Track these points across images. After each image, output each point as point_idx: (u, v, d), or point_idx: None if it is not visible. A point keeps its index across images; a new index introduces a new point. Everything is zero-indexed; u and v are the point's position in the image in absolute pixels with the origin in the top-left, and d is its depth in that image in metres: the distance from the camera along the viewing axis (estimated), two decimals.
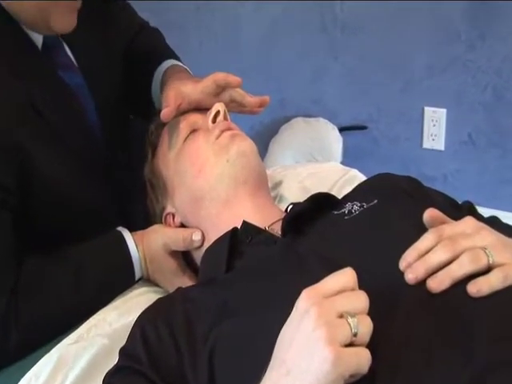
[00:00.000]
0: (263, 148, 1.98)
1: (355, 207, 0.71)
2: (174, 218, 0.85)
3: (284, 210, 0.84)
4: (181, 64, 1.01)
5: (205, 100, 0.86)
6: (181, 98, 0.86)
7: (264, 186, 0.83)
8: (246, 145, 0.81)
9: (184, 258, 0.86)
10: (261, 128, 2.10)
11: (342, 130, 1.99)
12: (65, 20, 0.79)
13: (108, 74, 0.93)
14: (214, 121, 0.84)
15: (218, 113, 0.84)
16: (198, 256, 0.82)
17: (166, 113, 0.84)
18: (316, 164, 1.33)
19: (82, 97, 0.87)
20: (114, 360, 0.65)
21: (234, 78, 0.85)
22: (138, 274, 0.85)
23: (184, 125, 0.85)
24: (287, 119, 2.03)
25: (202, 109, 0.88)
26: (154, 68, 0.98)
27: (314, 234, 0.69)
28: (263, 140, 2.01)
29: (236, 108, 0.90)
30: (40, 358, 0.73)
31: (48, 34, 0.81)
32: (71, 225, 0.84)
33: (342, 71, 1.96)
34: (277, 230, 0.74)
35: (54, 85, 0.82)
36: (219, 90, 0.86)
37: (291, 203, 0.81)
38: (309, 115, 2.01)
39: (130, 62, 1.01)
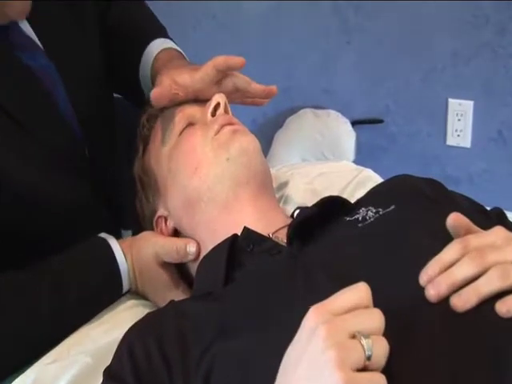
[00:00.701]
0: (267, 144, 1.99)
1: (370, 213, 0.72)
2: (166, 222, 0.86)
3: (290, 215, 0.84)
4: (172, 44, 1.01)
5: (204, 90, 0.87)
6: (176, 89, 0.86)
7: (268, 188, 0.84)
8: (249, 141, 0.82)
9: (178, 269, 0.87)
10: (264, 121, 2.10)
11: (355, 123, 2.00)
12: (19, 5, 0.80)
13: (80, 52, 0.93)
14: (213, 114, 0.84)
15: (217, 105, 0.85)
16: (193, 267, 0.83)
17: (156, 91, 0.84)
18: (326, 163, 1.33)
19: (49, 80, 0.86)
20: (97, 381, 0.65)
21: (236, 60, 0.85)
22: (125, 287, 0.85)
23: (180, 117, 0.86)
24: (294, 111, 2.04)
25: (200, 100, 0.88)
26: (140, 50, 0.98)
27: (324, 243, 0.70)
28: (267, 135, 2.01)
29: (239, 98, 0.90)
30: (14, 380, 0.73)
31: (3, 22, 0.81)
32: (49, 232, 0.84)
33: (356, 57, 1.97)
34: (282, 237, 0.74)
35: (9, 68, 0.81)
36: (220, 77, 0.86)
37: (298, 207, 0.82)
38: (318, 107, 2.02)
39: (109, 38, 1.01)
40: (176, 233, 0.86)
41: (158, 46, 0.98)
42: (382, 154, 2.02)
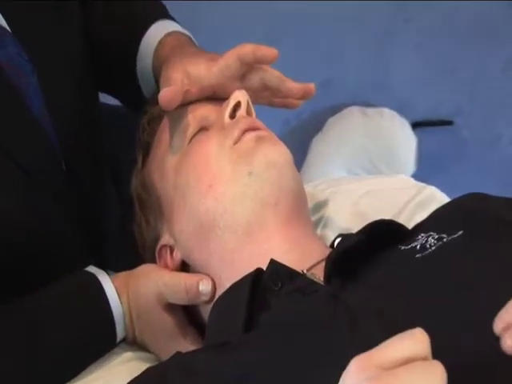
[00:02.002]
0: (302, 153, 1.99)
1: (431, 240, 0.73)
2: (171, 253, 0.87)
3: (330, 244, 0.86)
4: (178, 27, 1.02)
5: (224, 86, 0.88)
6: (189, 84, 0.87)
7: (302, 211, 0.85)
8: (277, 151, 0.84)
9: (186, 312, 0.88)
10: (298, 123, 2.11)
11: (416, 126, 2.01)
12: None
13: (57, 39, 0.95)
14: (232, 116, 0.86)
15: (238, 105, 0.86)
16: (206, 310, 0.84)
17: (167, 94, 0.84)
18: (377, 177, 1.33)
19: (20, 74, 0.87)
20: None
21: (267, 51, 0.85)
22: (120, 335, 0.87)
23: (190, 120, 0.88)
24: (337, 110, 2.04)
25: (218, 99, 0.89)
26: (138, 35, 1.00)
27: (372, 280, 0.71)
28: (302, 141, 2.01)
29: (266, 98, 0.92)
30: None
31: None
32: (23, 269, 0.86)
33: (417, 40, 1.97)
34: (319, 273, 0.75)
35: None
36: (244, 70, 0.88)
37: (340, 235, 0.83)
38: (368, 104, 2.03)
39: (97, 24, 1.04)
40: (184, 266, 0.87)
41: (161, 29, 1.00)
42: (450, 166, 2.01)
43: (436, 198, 1.07)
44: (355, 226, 0.92)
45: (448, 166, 2.02)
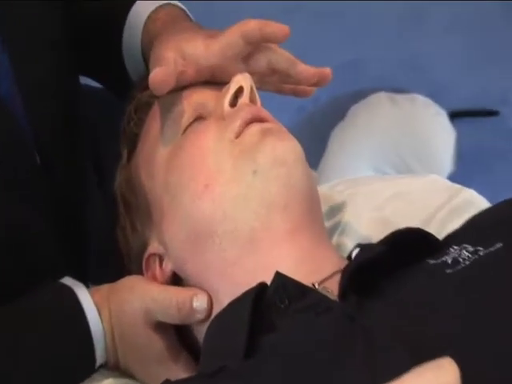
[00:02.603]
0: (319, 145, 1.98)
1: (465, 253, 0.72)
2: (161, 263, 0.87)
3: (347, 255, 0.85)
4: (174, 1, 1.02)
5: (224, 68, 0.88)
6: (184, 65, 0.87)
7: (314, 215, 0.85)
8: (287, 146, 0.83)
9: (177, 333, 0.87)
10: (315, 111, 2.11)
11: (454, 116, 2.01)
12: None
13: (37, 22, 0.95)
14: (233, 104, 0.86)
15: (240, 90, 0.86)
16: (201, 330, 0.83)
17: (158, 75, 0.83)
18: (404, 178, 1.32)
19: None
20: None
21: (277, 27, 0.85)
22: (99, 358, 0.86)
23: (185, 107, 0.88)
24: (361, 95, 2.04)
25: (217, 83, 0.90)
26: (124, 8, 1.00)
27: (395, 299, 0.70)
28: (319, 132, 2.01)
29: (274, 84, 0.92)
30: None
31: None
32: None
33: (458, 15, 1.96)
34: (332, 288, 0.75)
35: None
36: (250, 50, 0.87)
37: (358, 245, 0.82)
38: (398, 90, 2.02)
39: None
40: (176, 279, 0.87)
41: (150, 2, 1.00)
42: (494, 164, 2.01)
43: (474, 203, 1.06)
44: (377, 235, 0.92)
45: (492, 164, 2.01)
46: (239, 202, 0.81)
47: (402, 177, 1.43)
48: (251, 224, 0.80)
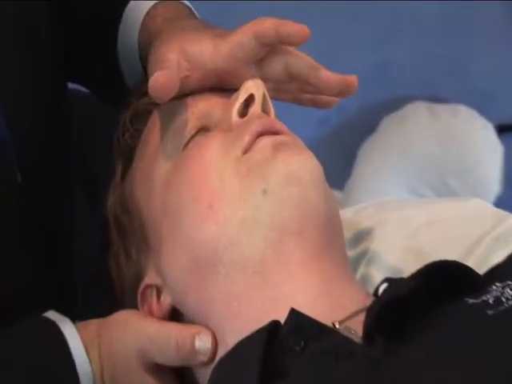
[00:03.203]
0: (344, 164, 1.99)
1: (509, 292, 0.72)
2: (159, 296, 0.87)
3: (373, 291, 0.84)
4: None
5: (234, 73, 0.88)
6: (189, 68, 0.87)
7: (335, 243, 0.85)
8: (303, 162, 0.83)
9: (177, 376, 0.87)
10: (340, 123, 2.12)
11: (502, 130, 2.01)
12: None
13: (17, 27, 0.95)
14: (243, 114, 0.86)
15: (251, 99, 0.86)
16: (204, 374, 0.83)
17: (160, 80, 0.83)
18: (444, 202, 1.31)
19: None
20: None
21: (295, 28, 0.84)
22: None
23: (188, 116, 0.88)
24: (394, 105, 2.05)
25: (224, 89, 0.90)
26: (118, 7, 1.01)
27: (427, 343, 0.70)
28: (345, 148, 2.02)
29: (291, 94, 0.91)
30: None
31: None
32: None
33: (507, 13, 1.96)
34: (356, 328, 0.74)
35: None
36: (264, 53, 0.87)
37: (386, 279, 0.81)
38: (437, 99, 2.03)
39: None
40: (175, 314, 0.86)
41: None
42: None
43: None
44: (408, 267, 0.92)
45: None
46: (247, 226, 0.80)
47: (441, 201, 1.43)
48: (261, 251, 0.80)
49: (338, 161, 0.78)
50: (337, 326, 0.75)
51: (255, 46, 0.86)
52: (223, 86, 0.89)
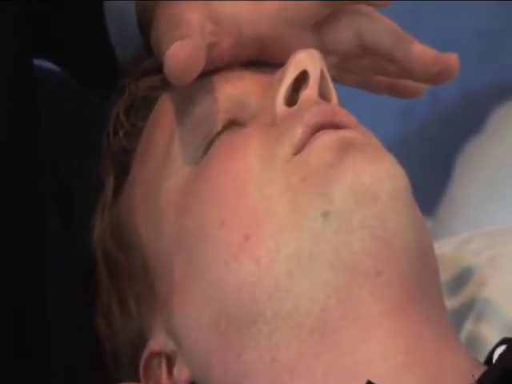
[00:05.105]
0: (438, 173, 2.00)
1: None
2: (170, 368, 0.88)
3: (485, 358, 0.86)
4: None
5: (282, 41, 0.90)
6: (216, 33, 0.87)
7: (428, 288, 0.85)
8: (380, 171, 0.83)
9: None
10: (432, 118, 2.16)
11: None
12: None
13: None
14: (292, 100, 0.86)
15: (302, 78, 0.86)
16: None
17: (181, 53, 0.81)
18: None
19: None
20: None
21: None
22: None
23: (211, 106, 0.89)
24: (508, 91, 2.08)
25: (264, 64, 0.91)
26: None
27: None
28: (437, 151, 2.04)
29: (361, 75, 0.93)
30: None
31: None
32: None
33: None
34: None
35: None
36: (325, 13, 0.88)
37: (504, 340, 0.84)
38: None
39: None
40: None
41: None
42: None
43: None
44: None
45: None
46: (301, 265, 0.81)
47: None
48: (321, 302, 0.81)
49: (428, 170, 0.77)
50: None
51: (316, 3, 0.87)
52: (264, 60, 0.91)
